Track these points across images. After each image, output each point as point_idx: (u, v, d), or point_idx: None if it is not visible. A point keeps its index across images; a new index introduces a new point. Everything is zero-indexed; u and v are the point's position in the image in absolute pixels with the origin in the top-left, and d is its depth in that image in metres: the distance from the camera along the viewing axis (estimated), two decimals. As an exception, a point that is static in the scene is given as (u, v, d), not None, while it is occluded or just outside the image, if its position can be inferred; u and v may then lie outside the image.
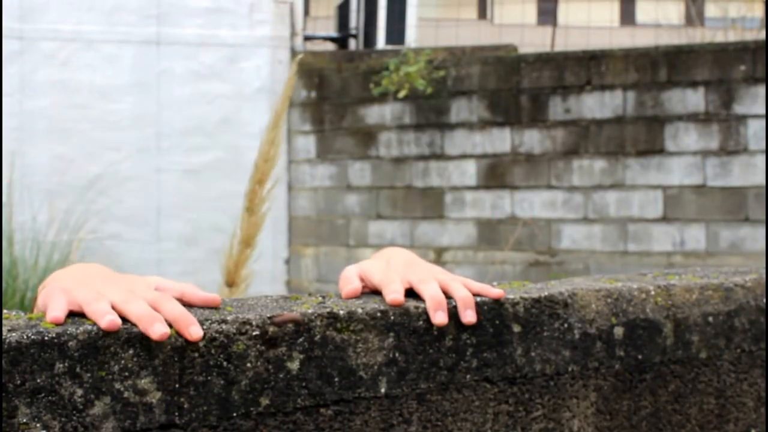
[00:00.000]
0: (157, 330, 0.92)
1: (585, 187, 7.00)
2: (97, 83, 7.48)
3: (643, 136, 6.84)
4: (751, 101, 6.56)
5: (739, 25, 13.40)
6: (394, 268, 1.17)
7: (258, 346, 0.97)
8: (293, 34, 7.85)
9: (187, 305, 1.01)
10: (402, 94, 7.18)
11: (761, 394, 1.36)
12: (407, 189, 7.46)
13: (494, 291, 1.15)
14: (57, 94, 7.41)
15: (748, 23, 13.79)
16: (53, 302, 0.98)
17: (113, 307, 0.96)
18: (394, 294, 1.09)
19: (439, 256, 7.28)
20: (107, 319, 0.93)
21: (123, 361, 0.90)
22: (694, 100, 6.69)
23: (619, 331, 1.22)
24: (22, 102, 7.33)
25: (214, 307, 1.02)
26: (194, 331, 0.94)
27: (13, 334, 0.87)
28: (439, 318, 1.09)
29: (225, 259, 1.97)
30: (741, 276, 1.39)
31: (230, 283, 1.92)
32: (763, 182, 6.48)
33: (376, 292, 1.15)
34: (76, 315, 0.97)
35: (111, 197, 7.36)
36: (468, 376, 1.10)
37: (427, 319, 1.08)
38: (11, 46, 7.29)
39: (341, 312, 1.03)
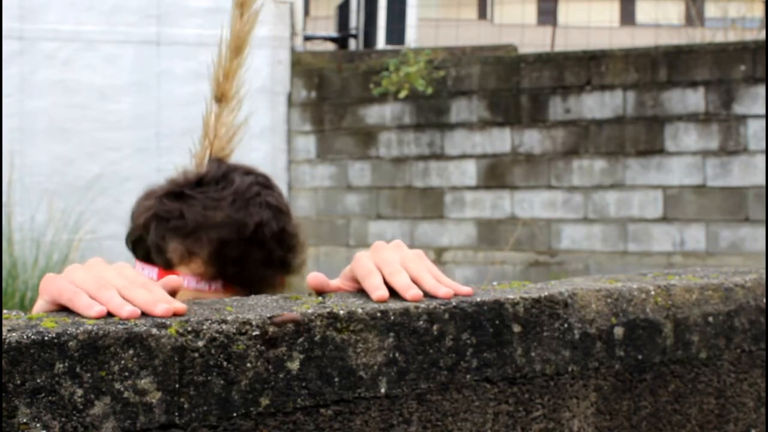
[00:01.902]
0: (160, 308, 0.95)
1: (585, 187, 7.00)
2: (97, 83, 7.48)
3: (643, 136, 6.84)
4: (751, 101, 6.56)
5: (739, 25, 13.43)
6: (366, 262, 1.17)
7: (258, 346, 0.97)
8: (293, 34, 7.85)
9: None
10: (402, 94, 7.18)
11: (761, 394, 1.36)
12: (407, 189, 7.46)
13: (464, 288, 1.14)
14: (57, 94, 7.40)
15: (748, 23, 13.82)
16: (79, 298, 0.97)
17: (122, 296, 0.97)
18: (379, 291, 1.09)
19: (439, 256, 7.28)
20: (128, 310, 0.94)
21: (123, 361, 0.90)
22: (694, 100, 6.69)
23: (619, 331, 1.22)
24: (22, 102, 7.33)
25: (176, 287, 1.05)
26: (160, 308, 0.95)
27: (13, 334, 0.87)
28: (412, 293, 1.09)
29: (214, 69, 1.79)
30: (741, 276, 1.39)
31: (220, 97, 1.74)
32: (763, 182, 6.47)
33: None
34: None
35: (111, 197, 7.36)
36: (468, 376, 1.10)
37: (428, 319, 1.08)
38: (11, 46, 7.29)
39: (341, 312, 1.03)
